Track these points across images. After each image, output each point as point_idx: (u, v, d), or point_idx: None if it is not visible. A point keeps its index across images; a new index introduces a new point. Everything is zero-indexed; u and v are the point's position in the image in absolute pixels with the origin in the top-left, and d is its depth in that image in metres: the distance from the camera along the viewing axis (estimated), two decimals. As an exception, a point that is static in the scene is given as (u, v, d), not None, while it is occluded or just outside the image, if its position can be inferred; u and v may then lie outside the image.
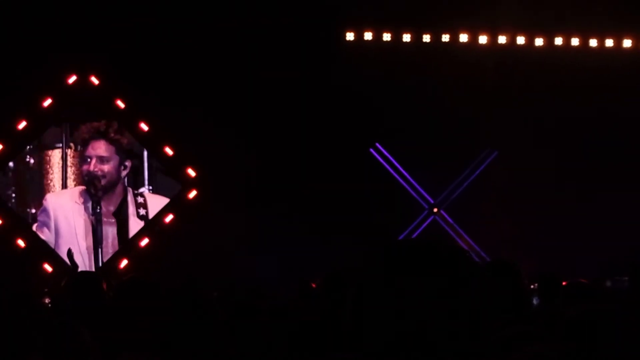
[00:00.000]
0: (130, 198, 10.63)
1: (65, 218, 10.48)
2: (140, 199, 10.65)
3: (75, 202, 10.50)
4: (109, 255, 10.53)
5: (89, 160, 10.51)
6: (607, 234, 10.65)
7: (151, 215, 10.70)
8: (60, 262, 10.43)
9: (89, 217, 10.46)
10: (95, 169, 10.45)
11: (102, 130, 10.54)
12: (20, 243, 10.47)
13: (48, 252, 10.48)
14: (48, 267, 10.50)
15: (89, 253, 10.48)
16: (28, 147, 10.68)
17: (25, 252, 10.46)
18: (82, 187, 10.57)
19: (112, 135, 10.55)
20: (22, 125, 10.56)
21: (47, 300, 6.60)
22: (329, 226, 10.63)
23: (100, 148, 10.54)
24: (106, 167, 10.53)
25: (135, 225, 10.64)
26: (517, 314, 3.79)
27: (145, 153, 10.81)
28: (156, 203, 10.76)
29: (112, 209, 10.57)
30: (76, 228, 10.45)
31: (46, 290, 8.28)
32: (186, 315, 3.38)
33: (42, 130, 10.63)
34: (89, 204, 10.46)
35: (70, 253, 9.35)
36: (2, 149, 10.54)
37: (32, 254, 10.45)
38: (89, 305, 4.03)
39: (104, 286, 4.28)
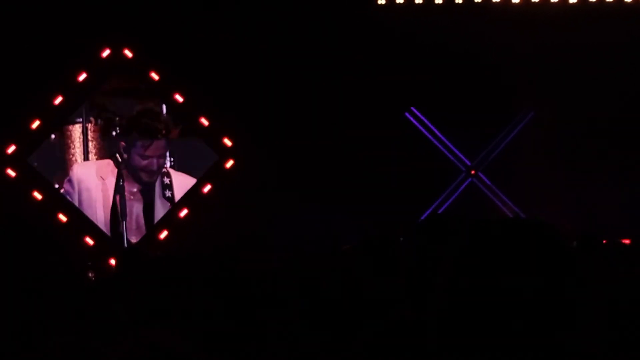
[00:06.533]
0: (157, 179, 10.66)
1: (88, 191, 10.54)
2: (166, 180, 10.67)
3: (100, 176, 10.53)
4: (133, 232, 10.55)
5: (149, 158, 10.54)
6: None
7: (177, 196, 10.69)
8: (102, 236, 10.54)
9: (111, 193, 10.48)
10: (156, 167, 10.53)
11: (164, 132, 10.56)
12: (62, 217, 10.58)
13: (89, 226, 10.58)
14: (90, 241, 10.61)
15: (107, 229, 10.55)
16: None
17: (67, 227, 10.56)
18: (109, 161, 10.58)
19: (170, 135, 10.61)
20: (58, 100, 10.63)
21: (90, 274, 6.68)
22: (367, 191, 10.64)
23: (162, 149, 10.60)
24: (162, 161, 10.66)
25: (160, 206, 10.65)
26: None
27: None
28: (182, 183, 10.76)
29: (139, 187, 10.60)
30: (96, 202, 10.52)
31: (89, 263, 8.36)
32: (218, 289, 3.40)
33: (78, 104, 10.69)
34: (113, 180, 10.47)
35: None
36: (39, 124, 10.62)
37: (74, 228, 10.55)
38: (130, 280, 4.08)
39: (145, 260, 4.32)
